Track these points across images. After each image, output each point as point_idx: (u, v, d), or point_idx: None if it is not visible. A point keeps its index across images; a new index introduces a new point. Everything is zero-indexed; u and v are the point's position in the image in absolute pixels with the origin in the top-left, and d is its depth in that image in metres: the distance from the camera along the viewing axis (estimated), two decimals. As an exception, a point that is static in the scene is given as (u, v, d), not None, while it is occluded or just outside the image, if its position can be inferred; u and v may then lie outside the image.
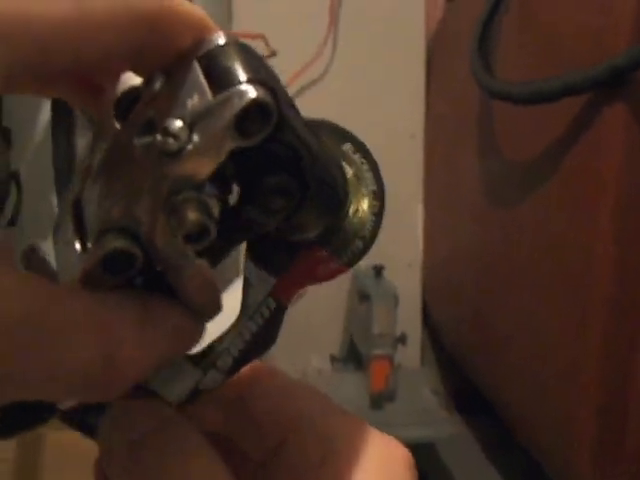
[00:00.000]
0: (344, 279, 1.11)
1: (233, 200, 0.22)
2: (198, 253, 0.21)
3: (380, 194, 0.26)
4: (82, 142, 0.77)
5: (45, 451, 0.78)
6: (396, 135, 1.15)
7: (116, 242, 0.20)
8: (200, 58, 0.20)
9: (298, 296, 0.26)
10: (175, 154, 0.19)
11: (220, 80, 0.20)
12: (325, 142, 0.25)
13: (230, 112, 0.19)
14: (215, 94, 0.20)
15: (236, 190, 0.22)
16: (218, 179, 0.21)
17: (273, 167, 0.21)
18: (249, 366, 0.25)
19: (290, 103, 0.22)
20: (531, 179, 0.71)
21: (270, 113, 0.20)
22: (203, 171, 0.20)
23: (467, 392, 0.94)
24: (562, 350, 0.65)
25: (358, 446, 0.24)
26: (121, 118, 0.22)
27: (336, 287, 1.11)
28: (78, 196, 0.22)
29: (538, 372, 0.71)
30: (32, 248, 0.24)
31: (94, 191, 0.22)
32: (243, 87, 0.19)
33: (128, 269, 0.20)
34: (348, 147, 0.26)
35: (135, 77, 0.22)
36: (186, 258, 0.21)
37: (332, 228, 0.25)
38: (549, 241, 0.68)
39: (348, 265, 0.26)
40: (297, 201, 0.22)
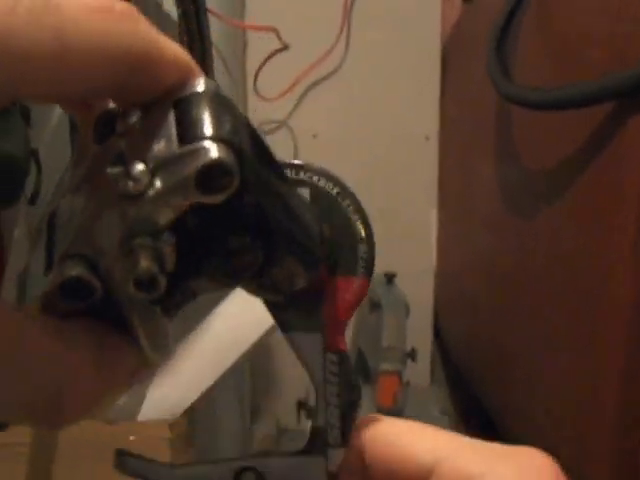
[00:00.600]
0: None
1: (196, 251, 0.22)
2: (151, 302, 0.21)
3: (344, 191, 0.26)
4: None
5: (61, 435, 0.79)
6: (410, 136, 1.13)
7: (75, 270, 0.20)
8: (176, 103, 0.20)
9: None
10: (135, 197, 0.19)
11: (187, 131, 0.19)
12: (296, 197, 0.24)
13: (191, 167, 0.19)
14: (181, 144, 0.19)
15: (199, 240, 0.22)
16: (179, 229, 0.20)
17: (236, 227, 0.21)
18: (365, 425, 0.25)
19: (262, 156, 0.21)
20: (549, 188, 0.69)
21: (231, 174, 0.19)
22: (161, 219, 0.20)
23: (477, 412, 0.91)
24: (579, 366, 0.63)
25: (500, 471, 0.23)
26: (98, 139, 0.21)
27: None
28: (55, 210, 0.22)
29: (553, 389, 0.68)
30: (27, 270, 0.23)
31: (68, 208, 0.21)
32: (206, 144, 0.19)
33: (86, 298, 0.20)
34: (289, 172, 0.25)
35: None
36: (138, 303, 0.21)
37: (329, 255, 0.25)
38: (565, 252, 0.66)
39: (367, 274, 0.25)
40: (261, 261, 0.22)
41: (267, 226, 0.21)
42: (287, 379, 1.21)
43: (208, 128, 0.19)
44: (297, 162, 0.26)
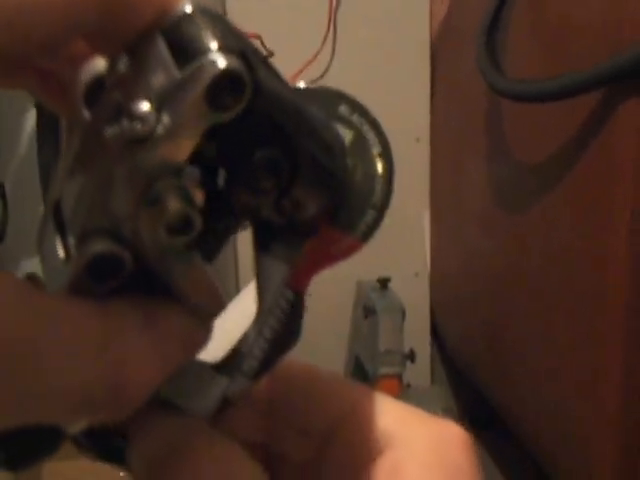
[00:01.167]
0: (348, 292, 1.07)
1: (220, 184, 0.21)
2: (188, 247, 0.19)
3: (386, 154, 0.24)
4: None
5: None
6: (400, 139, 1.10)
7: (98, 246, 0.18)
8: (164, 31, 0.18)
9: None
10: (145, 140, 0.18)
11: (185, 52, 0.18)
12: (315, 108, 0.22)
13: (199, 86, 0.17)
14: (181, 68, 0.18)
15: (222, 173, 0.21)
16: (199, 162, 0.19)
17: (256, 142, 0.20)
18: (283, 365, 0.24)
19: (269, 68, 0.20)
20: (541, 183, 0.68)
21: (243, 83, 0.18)
22: (179, 155, 0.18)
23: (480, 409, 0.90)
24: (578, 362, 0.63)
25: (410, 436, 0.23)
26: (91, 108, 0.20)
27: (340, 301, 1.07)
28: (58, 198, 0.20)
29: (553, 386, 0.68)
30: (31, 277, 0.20)
31: (71, 191, 0.20)
32: (211, 57, 0.18)
33: (117, 274, 0.19)
34: (343, 109, 0.24)
35: (102, 64, 0.21)
36: (175, 254, 0.19)
37: (337, 201, 0.23)
38: (560, 247, 0.65)
39: (363, 239, 0.24)
40: (288, 176, 0.20)
41: (287, 139, 0.20)
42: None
43: (208, 40, 0.18)
44: (357, 102, 0.24)
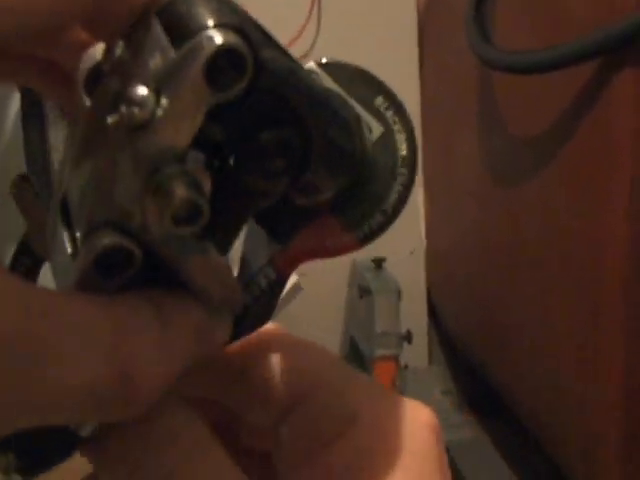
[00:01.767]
0: (342, 273, 1.06)
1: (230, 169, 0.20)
2: (199, 237, 0.18)
3: (411, 162, 0.23)
4: (56, 136, 0.74)
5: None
6: (390, 116, 1.10)
7: (105, 239, 0.18)
8: (159, 12, 0.18)
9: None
10: (145, 125, 0.17)
11: (181, 31, 0.17)
12: (326, 84, 0.22)
13: (196, 64, 0.17)
14: (177, 48, 0.17)
15: (231, 157, 0.20)
16: (206, 146, 0.18)
17: (263, 122, 0.19)
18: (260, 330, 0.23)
19: (273, 43, 0.19)
20: (537, 157, 0.67)
21: (243, 59, 0.17)
22: (182, 139, 0.17)
23: (480, 390, 0.90)
24: (576, 341, 0.62)
25: (378, 413, 0.22)
26: (91, 96, 0.20)
27: (334, 282, 1.06)
28: (64, 193, 0.20)
29: (552, 367, 0.67)
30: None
31: (76, 183, 0.19)
32: (207, 33, 0.17)
33: (126, 268, 0.18)
34: (380, 102, 0.23)
35: (101, 51, 0.20)
36: (186, 245, 0.18)
37: (348, 194, 0.22)
38: (558, 225, 0.65)
39: (362, 242, 0.22)
40: (300, 157, 0.20)
41: (297, 117, 0.19)
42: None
43: (204, 17, 0.17)
44: (395, 97, 0.23)
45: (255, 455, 0.25)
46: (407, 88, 1.09)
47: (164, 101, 0.17)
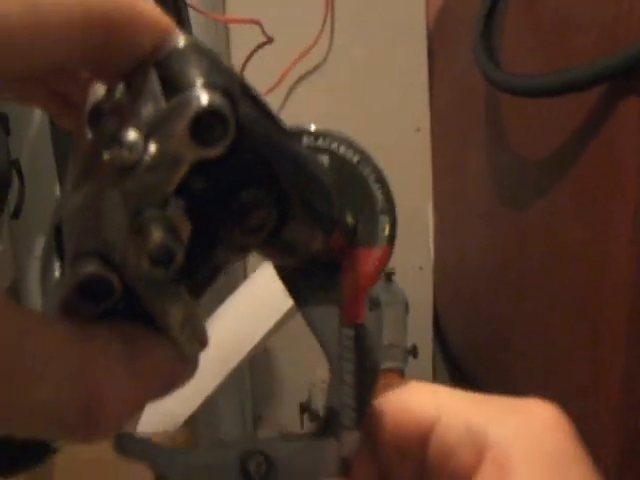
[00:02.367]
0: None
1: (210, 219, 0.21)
2: (173, 280, 0.19)
3: (366, 159, 0.24)
4: None
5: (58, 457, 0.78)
6: (400, 129, 1.10)
7: (89, 268, 0.19)
8: (157, 63, 0.19)
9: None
10: (133, 167, 0.18)
11: (173, 85, 0.18)
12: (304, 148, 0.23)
13: (183, 119, 0.18)
14: (168, 100, 0.18)
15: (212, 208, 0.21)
16: (188, 195, 0.19)
17: (243, 181, 0.20)
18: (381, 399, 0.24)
19: (259, 105, 0.20)
20: (544, 178, 0.68)
21: (226, 120, 0.18)
22: (165, 186, 0.18)
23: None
24: (579, 361, 0.62)
25: (502, 432, 0.23)
26: (93, 130, 0.21)
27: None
28: (60, 218, 0.21)
29: (554, 385, 0.67)
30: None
31: (70, 209, 0.20)
32: (195, 92, 0.18)
33: (106, 297, 0.19)
34: (306, 140, 0.24)
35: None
36: (159, 285, 0.19)
37: (345, 227, 0.23)
38: (563, 245, 0.65)
39: (389, 243, 0.24)
40: (277, 217, 0.20)
41: (276, 179, 0.20)
42: (288, 383, 1.19)
43: (194, 76, 0.18)
44: (316, 129, 0.24)
45: None
46: (417, 105, 1.09)
47: (152, 148, 0.18)
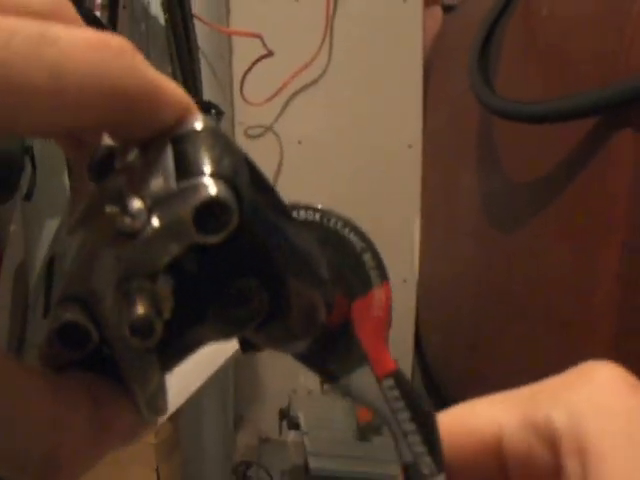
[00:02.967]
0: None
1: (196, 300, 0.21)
2: (147, 350, 0.20)
3: (330, 213, 0.24)
4: None
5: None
6: (393, 144, 1.12)
7: (70, 314, 0.19)
8: (174, 140, 0.19)
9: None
10: (132, 235, 0.18)
11: (185, 167, 0.19)
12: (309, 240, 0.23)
13: (188, 205, 0.18)
14: (179, 181, 0.19)
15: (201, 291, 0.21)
16: (178, 272, 0.19)
17: (236, 271, 0.20)
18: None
19: (266, 194, 0.20)
20: (533, 203, 0.68)
21: (230, 212, 0.19)
22: (159, 260, 0.19)
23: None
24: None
25: (565, 402, 0.21)
26: (95, 178, 0.21)
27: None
28: (53, 255, 0.20)
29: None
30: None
31: (65, 250, 0.20)
32: (205, 180, 0.19)
33: (83, 344, 0.19)
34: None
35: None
36: (133, 352, 0.19)
37: (343, 284, 0.23)
38: (548, 271, 0.65)
39: (385, 279, 0.24)
40: (267, 307, 0.20)
41: (271, 268, 0.20)
42: (270, 388, 1.20)
43: (206, 165, 0.19)
44: (316, 206, 0.24)
45: None
46: (410, 122, 1.12)
47: (154, 222, 0.18)
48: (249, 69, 1.07)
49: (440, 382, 0.99)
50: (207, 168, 0.19)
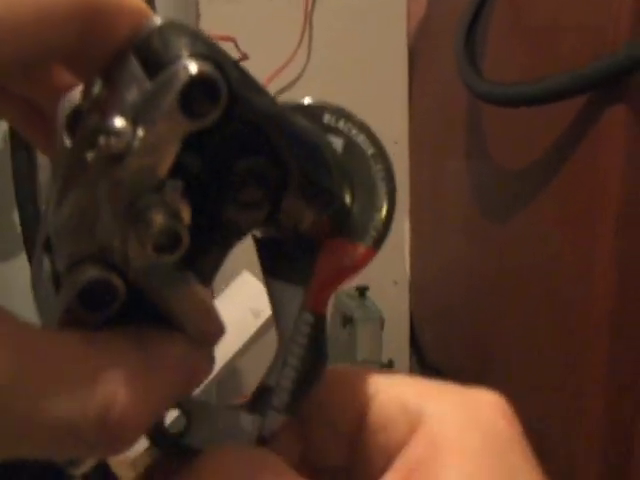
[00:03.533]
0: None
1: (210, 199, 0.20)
2: (180, 268, 0.19)
3: (381, 154, 0.23)
4: (43, 159, 0.74)
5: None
6: (379, 141, 1.10)
7: (88, 273, 0.18)
8: (135, 47, 0.18)
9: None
10: (122, 155, 0.17)
11: (157, 63, 0.18)
12: (299, 116, 0.22)
13: (171, 93, 0.17)
14: (153, 79, 0.18)
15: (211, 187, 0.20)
16: (184, 176, 0.18)
17: (239, 151, 0.19)
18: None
19: (245, 75, 0.19)
20: (525, 189, 0.67)
21: (217, 87, 0.17)
22: (159, 168, 0.18)
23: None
24: (561, 376, 0.61)
25: (438, 408, 0.22)
26: (72, 136, 0.20)
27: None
28: (47, 234, 0.20)
29: (536, 401, 0.66)
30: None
31: (58, 223, 0.19)
32: (182, 63, 0.17)
33: (110, 302, 0.18)
34: (328, 118, 0.23)
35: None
36: (167, 276, 0.19)
37: (335, 211, 0.22)
38: (544, 258, 0.64)
39: (375, 246, 0.23)
40: (277, 187, 0.20)
41: (272, 146, 0.19)
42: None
43: (179, 48, 0.18)
44: (339, 107, 0.23)
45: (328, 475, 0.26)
46: (395, 118, 1.10)
47: (140, 131, 0.17)
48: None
49: (440, 377, 0.98)
50: (182, 51, 0.17)
